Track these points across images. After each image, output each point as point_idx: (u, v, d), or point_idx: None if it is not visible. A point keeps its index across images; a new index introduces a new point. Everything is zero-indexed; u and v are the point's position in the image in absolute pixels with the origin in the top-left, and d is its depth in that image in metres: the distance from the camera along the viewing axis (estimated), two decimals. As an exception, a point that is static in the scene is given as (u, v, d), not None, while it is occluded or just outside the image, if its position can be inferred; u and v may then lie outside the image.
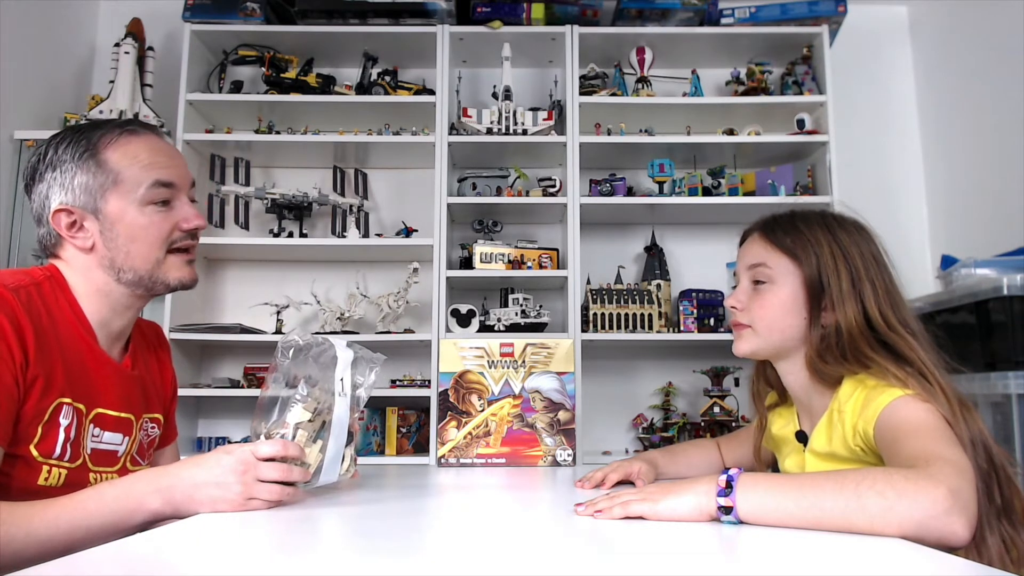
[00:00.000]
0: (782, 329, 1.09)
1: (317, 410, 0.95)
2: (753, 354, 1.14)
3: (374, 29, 2.66)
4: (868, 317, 1.03)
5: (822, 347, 1.05)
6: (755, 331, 1.12)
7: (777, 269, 1.10)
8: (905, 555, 0.66)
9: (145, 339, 1.21)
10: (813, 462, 1.08)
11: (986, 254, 2.13)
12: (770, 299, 1.10)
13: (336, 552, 0.71)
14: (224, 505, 0.86)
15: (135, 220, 1.03)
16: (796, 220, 1.12)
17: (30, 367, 0.92)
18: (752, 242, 1.15)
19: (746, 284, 1.14)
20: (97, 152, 1.02)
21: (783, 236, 1.11)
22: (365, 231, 2.65)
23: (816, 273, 1.07)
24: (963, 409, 0.94)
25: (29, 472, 0.94)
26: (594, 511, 0.82)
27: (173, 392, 1.26)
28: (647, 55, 2.71)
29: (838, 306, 1.04)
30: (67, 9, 2.80)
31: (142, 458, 1.14)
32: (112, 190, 1.02)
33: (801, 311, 1.08)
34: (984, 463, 0.92)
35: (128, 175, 1.03)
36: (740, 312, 1.13)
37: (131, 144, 1.04)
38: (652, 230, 2.79)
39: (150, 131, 1.09)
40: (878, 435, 0.94)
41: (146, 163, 1.04)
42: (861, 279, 1.05)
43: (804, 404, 1.14)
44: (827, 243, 1.08)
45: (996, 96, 2.51)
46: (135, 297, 1.07)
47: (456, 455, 1.48)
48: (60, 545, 0.82)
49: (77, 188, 1.02)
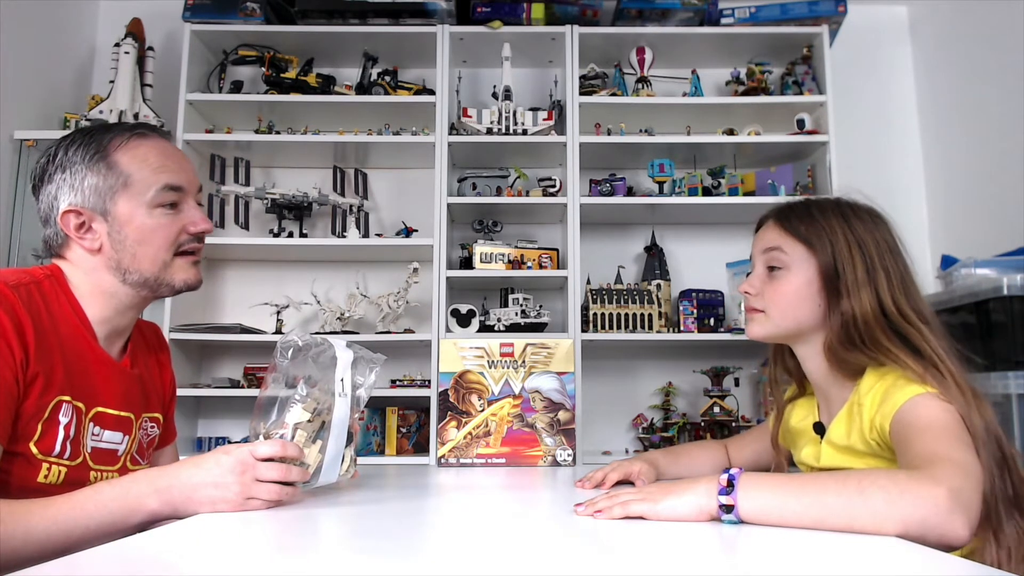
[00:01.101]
0: (795, 316, 1.10)
1: (316, 410, 0.95)
2: (766, 338, 1.15)
3: (374, 29, 2.66)
4: (882, 305, 1.04)
5: (841, 333, 1.05)
6: (768, 316, 1.12)
7: (792, 255, 1.11)
8: (904, 555, 0.66)
9: (145, 339, 1.21)
10: (829, 453, 1.08)
11: (986, 254, 2.13)
12: (784, 286, 1.11)
13: (336, 552, 0.71)
14: (223, 505, 0.86)
15: (144, 223, 1.04)
16: (811, 208, 1.13)
17: (30, 364, 0.92)
18: (768, 228, 1.16)
19: (760, 270, 1.15)
20: (107, 154, 1.03)
21: (798, 224, 1.12)
22: (365, 231, 2.64)
23: (831, 261, 1.07)
24: (976, 399, 0.94)
25: (28, 470, 0.94)
26: (594, 511, 0.82)
27: (172, 393, 1.26)
28: (647, 55, 2.71)
29: (853, 294, 1.05)
30: (67, 9, 2.80)
31: (142, 457, 1.14)
32: (122, 192, 1.03)
33: (815, 298, 1.08)
34: (997, 452, 0.93)
35: (138, 178, 1.04)
36: (754, 297, 1.14)
37: (141, 147, 1.06)
38: (652, 230, 2.79)
39: (160, 135, 1.10)
40: (893, 431, 0.94)
41: (156, 166, 1.05)
42: (875, 267, 1.06)
43: (824, 393, 1.14)
44: (842, 231, 1.08)
45: (996, 96, 2.51)
46: (139, 298, 1.08)
47: (456, 455, 1.48)
48: (58, 544, 0.82)
49: (87, 189, 1.02)
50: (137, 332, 1.17)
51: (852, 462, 1.03)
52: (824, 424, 1.12)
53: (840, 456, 1.06)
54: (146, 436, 1.15)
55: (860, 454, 1.02)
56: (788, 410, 1.24)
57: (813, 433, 1.15)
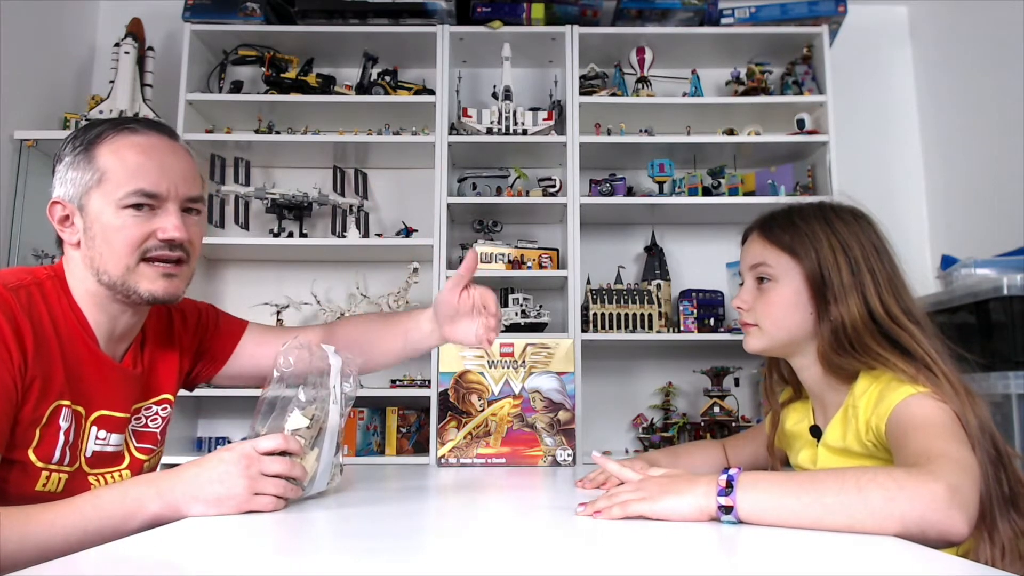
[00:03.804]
0: (788, 327, 1.10)
1: (315, 417, 0.95)
2: (763, 351, 1.15)
3: (374, 29, 2.66)
4: (870, 309, 1.03)
5: (832, 341, 1.05)
6: (762, 329, 1.12)
7: (778, 267, 1.11)
8: (904, 555, 0.67)
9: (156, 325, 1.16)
10: (826, 456, 1.08)
11: (986, 254, 2.13)
12: (774, 297, 1.11)
13: (336, 553, 0.71)
14: (229, 503, 0.83)
15: (109, 222, 0.99)
16: (793, 216, 1.13)
17: (28, 369, 0.91)
18: (752, 242, 1.17)
19: (750, 284, 1.15)
20: (91, 148, 1.00)
21: (781, 234, 1.11)
22: (365, 231, 2.64)
23: (817, 268, 1.07)
24: (970, 397, 0.94)
25: (25, 478, 0.92)
26: (593, 511, 0.82)
27: (204, 327, 1.24)
28: (647, 55, 2.71)
29: (840, 300, 1.04)
30: (67, 9, 2.80)
31: (154, 444, 1.12)
32: (95, 188, 0.99)
33: (806, 307, 1.08)
34: (991, 449, 0.93)
35: (111, 176, 0.99)
36: (746, 312, 1.14)
37: (124, 144, 1.00)
38: (652, 230, 2.79)
39: (157, 131, 1.04)
40: (889, 432, 0.94)
41: (133, 167, 0.99)
42: (861, 270, 1.05)
43: (819, 398, 1.14)
44: (825, 236, 1.08)
45: (996, 96, 2.51)
46: (117, 302, 1.02)
47: (456, 455, 1.48)
48: (57, 549, 0.79)
49: (69, 183, 1.00)
50: (153, 318, 1.13)
51: (848, 464, 1.03)
52: (820, 427, 1.12)
53: (837, 459, 1.06)
54: (155, 422, 1.13)
55: (856, 456, 1.02)
56: (784, 413, 1.24)
57: (809, 436, 1.15)
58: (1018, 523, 0.93)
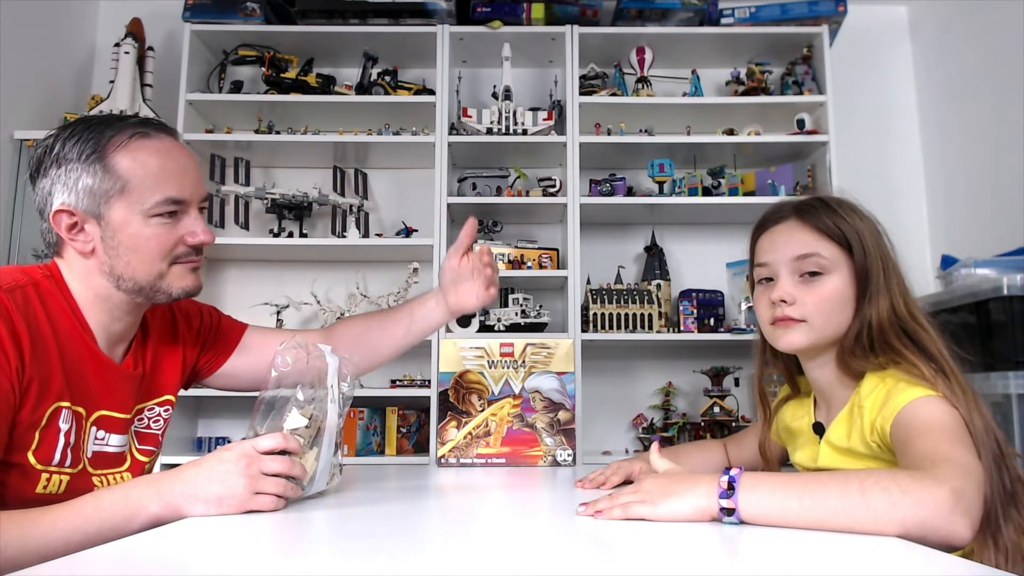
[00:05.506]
0: (837, 322, 1.04)
1: (313, 416, 0.94)
2: (808, 347, 1.07)
3: (374, 29, 2.66)
4: (894, 308, 1.01)
5: (854, 339, 1.02)
6: (811, 325, 1.03)
7: (831, 257, 1.04)
8: (904, 555, 0.66)
9: (156, 325, 1.15)
10: (828, 454, 1.06)
11: (986, 254, 2.13)
12: (828, 291, 1.03)
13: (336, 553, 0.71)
14: (230, 502, 0.83)
15: (139, 231, 0.98)
16: (833, 204, 1.07)
17: (25, 371, 0.90)
18: (792, 230, 1.07)
19: (789, 276, 1.05)
20: (105, 155, 0.97)
21: (829, 222, 1.05)
22: (365, 231, 2.64)
23: (864, 261, 1.03)
24: (975, 399, 0.94)
25: (25, 481, 0.92)
26: (594, 511, 0.82)
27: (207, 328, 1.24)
28: (647, 55, 2.71)
29: (874, 297, 1.01)
30: (67, 9, 2.80)
31: (155, 445, 1.12)
32: (118, 198, 0.97)
33: (851, 303, 1.04)
34: (996, 451, 0.92)
35: (136, 185, 0.97)
36: (791, 307, 1.04)
37: (142, 150, 0.98)
38: (652, 230, 2.79)
39: (165, 133, 1.03)
40: (894, 434, 0.93)
41: (157, 175, 0.98)
42: (890, 267, 1.03)
43: (825, 396, 1.11)
44: (867, 230, 1.04)
45: (996, 96, 2.51)
46: (135, 304, 1.04)
47: (456, 455, 1.48)
48: (57, 551, 0.79)
49: (81, 191, 0.96)
50: (151, 317, 1.13)
51: (852, 464, 1.03)
52: (823, 424, 1.11)
53: (839, 458, 1.05)
54: (156, 423, 1.12)
55: (860, 456, 1.01)
56: (783, 409, 1.23)
57: (811, 433, 1.13)
58: (1020, 521, 0.92)
